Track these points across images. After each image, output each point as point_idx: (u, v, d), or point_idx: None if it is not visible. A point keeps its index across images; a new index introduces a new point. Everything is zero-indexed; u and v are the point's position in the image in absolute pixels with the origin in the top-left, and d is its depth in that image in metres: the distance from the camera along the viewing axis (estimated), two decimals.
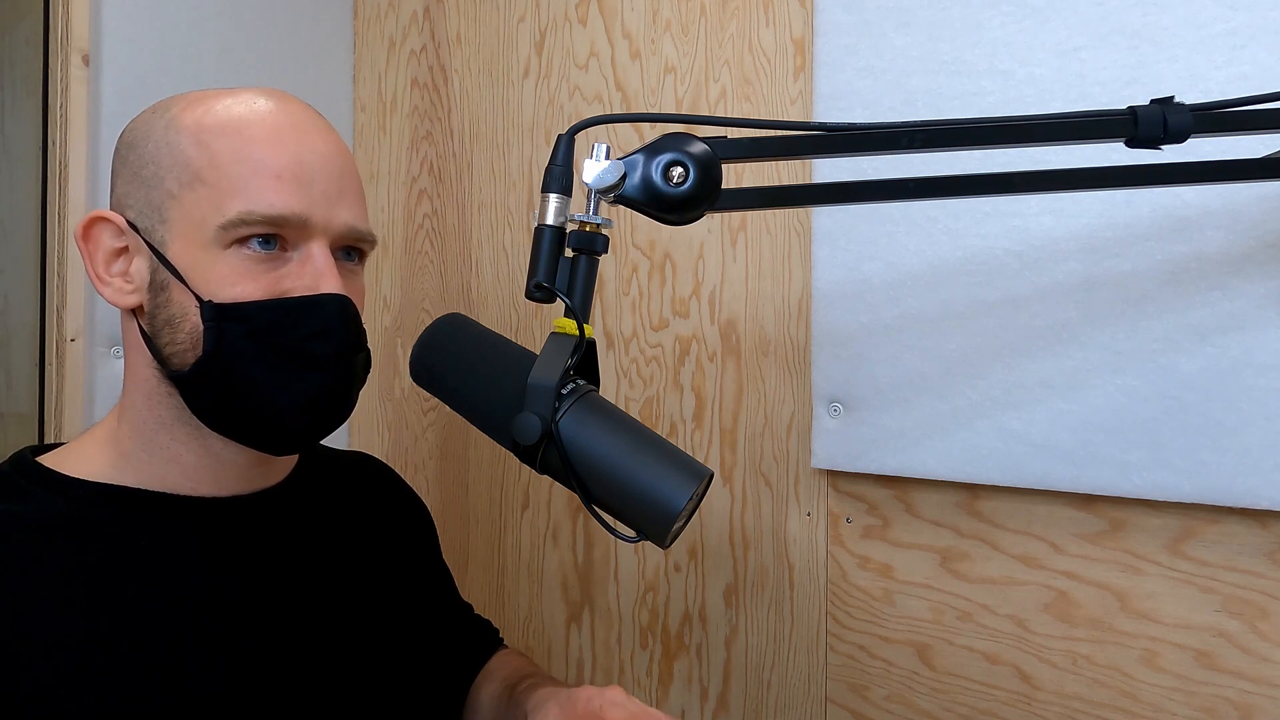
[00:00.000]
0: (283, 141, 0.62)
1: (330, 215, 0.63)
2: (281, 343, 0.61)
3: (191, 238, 0.61)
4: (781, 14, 0.99)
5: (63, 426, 1.05)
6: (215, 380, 0.61)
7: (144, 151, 0.64)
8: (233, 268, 0.61)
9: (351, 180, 0.66)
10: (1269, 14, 0.72)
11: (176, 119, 0.63)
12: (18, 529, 0.60)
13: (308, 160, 0.63)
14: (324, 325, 0.62)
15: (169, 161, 0.62)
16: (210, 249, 0.61)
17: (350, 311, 0.64)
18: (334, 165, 0.64)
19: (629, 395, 1.10)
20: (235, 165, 0.61)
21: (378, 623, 0.74)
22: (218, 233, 0.60)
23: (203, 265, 0.61)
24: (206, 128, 0.62)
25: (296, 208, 0.61)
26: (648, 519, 0.56)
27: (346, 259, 0.67)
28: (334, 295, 0.62)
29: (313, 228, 0.62)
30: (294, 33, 1.30)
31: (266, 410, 0.62)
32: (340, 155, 0.66)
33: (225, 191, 0.61)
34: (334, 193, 0.64)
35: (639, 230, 1.09)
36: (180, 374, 0.62)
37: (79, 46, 1.06)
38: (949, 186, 0.60)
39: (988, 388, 0.84)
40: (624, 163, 0.57)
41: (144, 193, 0.63)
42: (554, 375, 0.56)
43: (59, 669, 0.56)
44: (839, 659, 0.96)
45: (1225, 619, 0.76)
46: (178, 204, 0.62)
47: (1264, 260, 0.73)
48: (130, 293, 0.64)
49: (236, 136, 0.62)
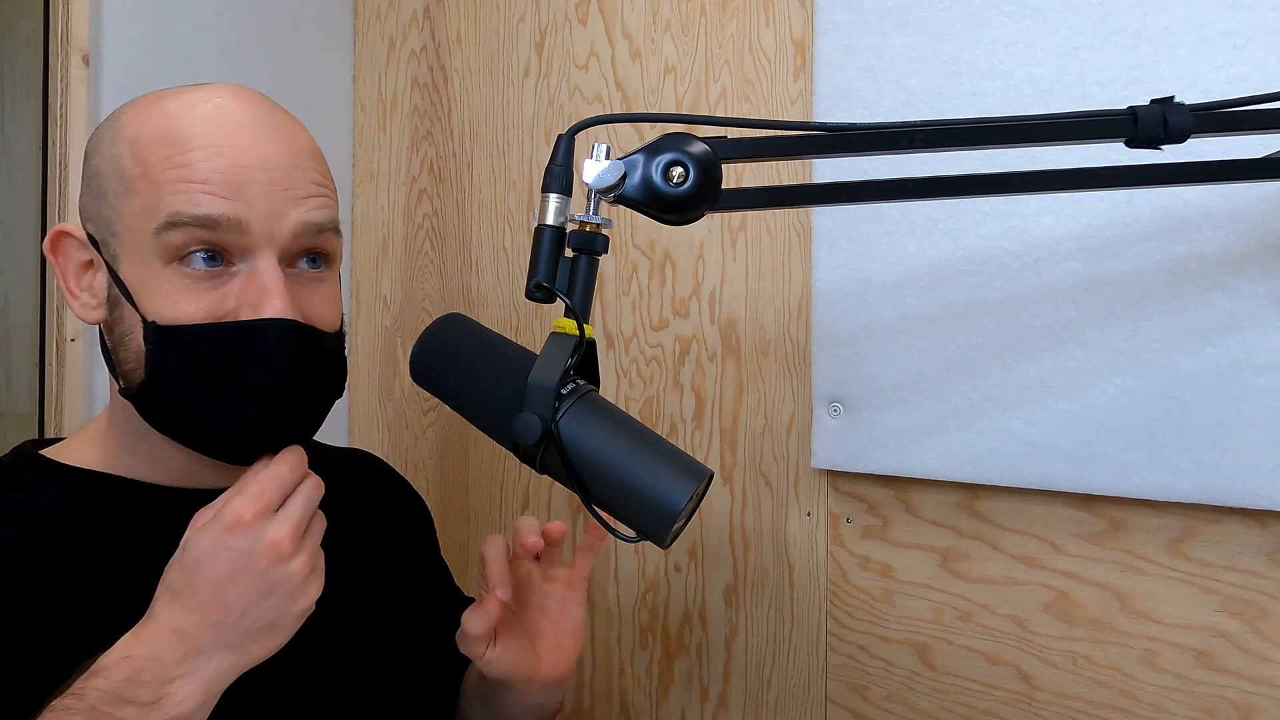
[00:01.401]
0: (220, 145, 0.59)
1: (273, 220, 0.59)
2: (222, 371, 0.59)
3: (136, 253, 0.60)
4: (781, 14, 0.99)
5: (62, 426, 1.05)
6: (160, 401, 0.60)
7: (95, 163, 0.63)
8: (174, 285, 0.58)
9: (302, 178, 0.62)
10: (1269, 14, 0.72)
11: (121, 129, 0.62)
12: (21, 516, 0.61)
13: (244, 162, 0.59)
14: (264, 355, 0.59)
15: (110, 173, 0.61)
16: (151, 265, 0.59)
17: (298, 335, 0.60)
18: (276, 166, 0.60)
19: (629, 395, 1.10)
20: (165, 172, 0.59)
21: (373, 614, 0.74)
22: (152, 243, 0.58)
23: (147, 282, 0.59)
24: (142, 137, 0.60)
25: (230, 211, 0.58)
26: (648, 519, 0.56)
27: (311, 266, 0.64)
28: (275, 321, 0.58)
29: (253, 234, 0.59)
30: (294, 33, 1.30)
31: (212, 433, 0.61)
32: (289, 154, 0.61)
33: (155, 199, 0.58)
34: (278, 196, 0.60)
35: (639, 230, 1.09)
36: (129, 392, 0.61)
37: (79, 46, 1.06)
38: (949, 186, 0.60)
39: (988, 388, 0.84)
40: (624, 163, 0.57)
41: (96, 206, 0.62)
42: (554, 375, 0.56)
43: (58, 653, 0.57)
44: (839, 659, 0.96)
45: (1225, 619, 0.76)
46: (119, 218, 0.60)
47: (1264, 260, 0.73)
48: (95, 308, 0.63)
49: (168, 144, 0.59)
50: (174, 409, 0.60)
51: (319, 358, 0.63)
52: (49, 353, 1.08)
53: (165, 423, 0.62)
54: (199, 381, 0.59)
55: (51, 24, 1.08)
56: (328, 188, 0.65)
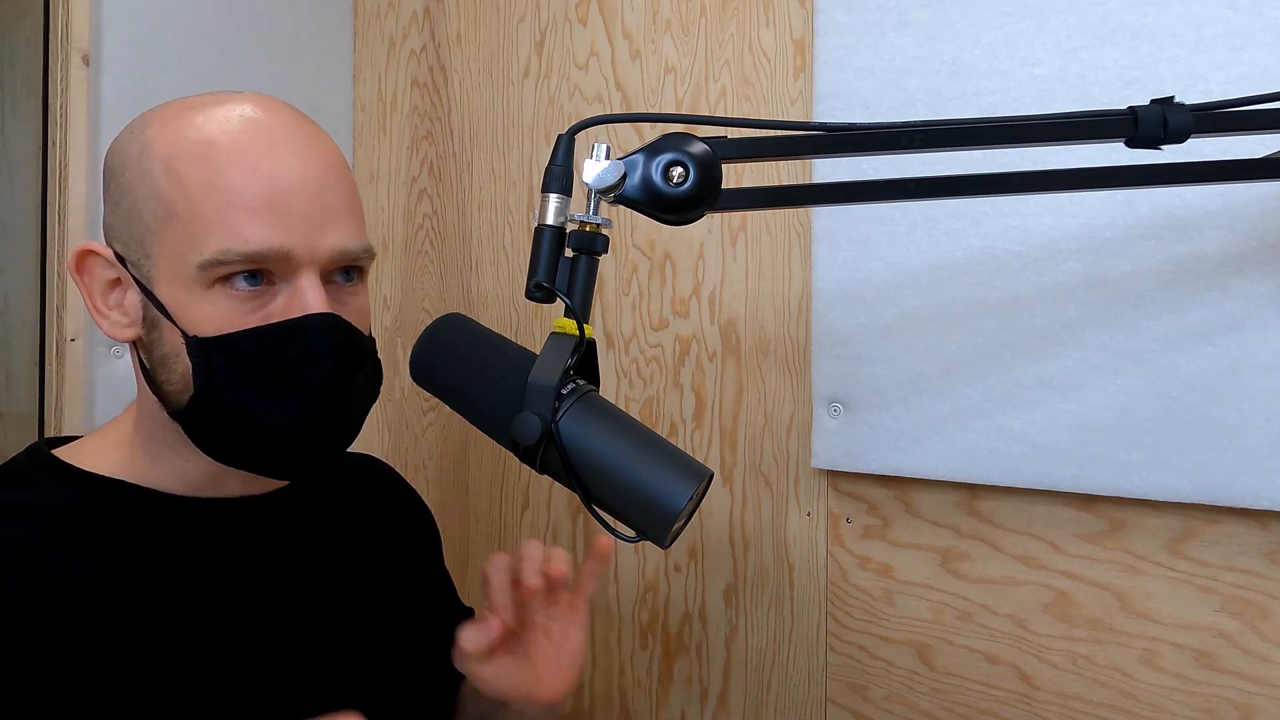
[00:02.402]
0: (254, 165, 0.59)
1: (314, 243, 0.60)
2: (271, 371, 0.59)
3: (174, 276, 0.59)
4: (781, 14, 0.99)
5: (62, 426, 1.05)
6: (210, 416, 0.60)
7: (122, 181, 0.62)
8: (218, 307, 0.59)
9: (337, 195, 0.62)
10: (1269, 14, 0.72)
11: (149, 145, 0.60)
12: (33, 517, 0.61)
13: (283, 184, 0.59)
14: (312, 348, 0.59)
15: (144, 193, 0.60)
16: (193, 288, 0.59)
17: (342, 329, 0.61)
18: (313, 185, 0.60)
19: (629, 395, 1.10)
20: (206, 197, 0.58)
21: (377, 623, 0.74)
22: (198, 272, 0.58)
23: (188, 304, 0.59)
24: (176, 154, 0.59)
25: (275, 241, 0.58)
26: (648, 519, 0.57)
27: (345, 280, 0.64)
28: (320, 315, 0.59)
29: (297, 260, 0.59)
30: (294, 33, 1.30)
31: (264, 441, 0.61)
32: (322, 170, 0.61)
33: (199, 227, 0.58)
34: (316, 217, 0.60)
35: (639, 230, 1.09)
36: (178, 412, 0.61)
37: (79, 46, 1.06)
38: (949, 186, 0.60)
39: (988, 388, 0.84)
40: (624, 163, 0.57)
41: (127, 226, 0.61)
42: (554, 375, 0.56)
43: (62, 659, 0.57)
44: (839, 659, 0.96)
45: (1225, 619, 0.76)
46: (157, 240, 0.59)
47: (1264, 260, 0.73)
48: (127, 326, 0.62)
49: (205, 163, 0.58)
50: (226, 422, 0.60)
51: (359, 356, 0.63)
52: (49, 353, 1.08)
53: (215, 440, 0.61)
54: (247, 386, 0.59)
55: (51, 24, 1.08)
56: (358, 204, 0.65)
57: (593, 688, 1.14)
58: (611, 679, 1.12)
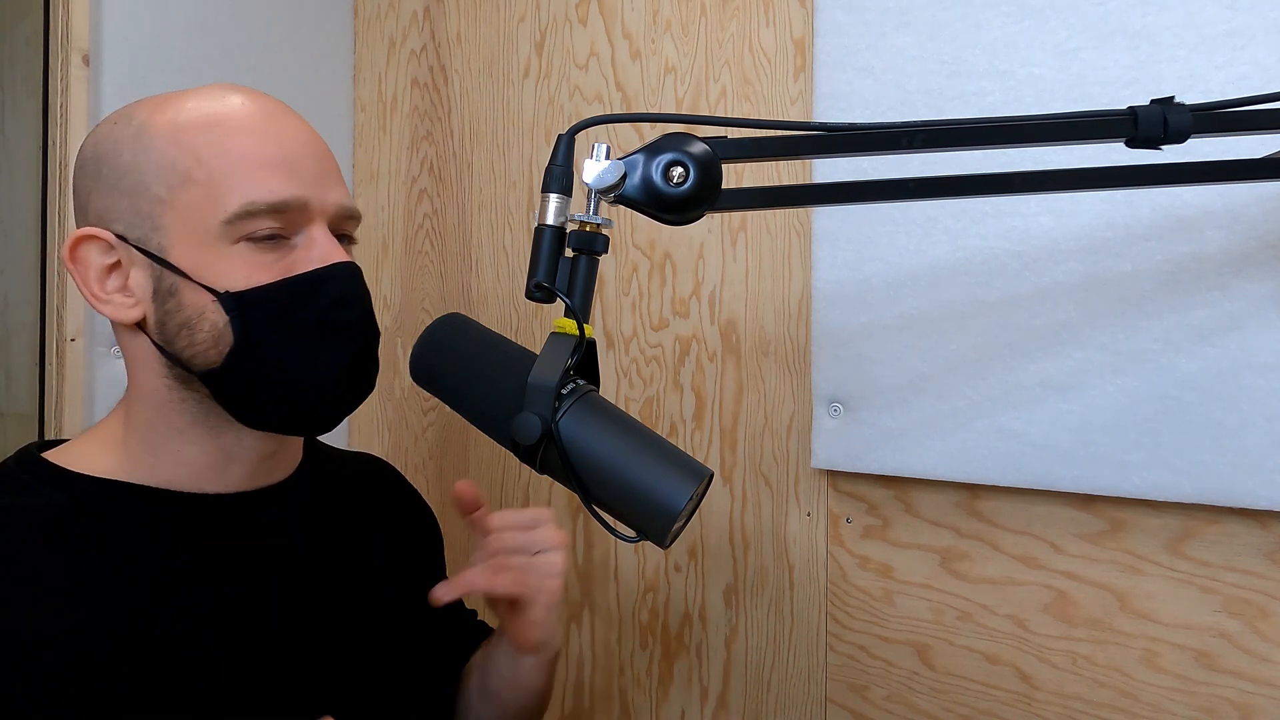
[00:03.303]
0: (263, 130, 0.63)
1: (324, 196, 0.64)
2: (307, 318, 0.62)
3: (193, 238, 0.61)
4: (781, 14, 0.99)
5: (63, 426, 1.05)
6: (249, 369, 0.62)
7: (118, 163, 0.62)
8: (245, 260, 0.61)
9: (331, 161, 0.68)
10: (1269, 14, 0.72)
11: (146, 125, 0.63)
12: (22, 521, 0.61)
13: (291, 145, 0.64)
14: (344, 292, 0.64)
15: (151, 167, 0.61)
16: (216, 245, 0.61)
17: (361, 277, 0.67)
18: (314, 148, 0.66)
19: (629, 395, 1.10)
20: (222, 159, 0.61)
21: (377, 621, 0.74)
22: (222, 229, 0.60)
23: (210, 262, 0.61)
24: (182, 127, 0.62)
25: (295, 191, 0.62)
26: (648, 519, 0.56)
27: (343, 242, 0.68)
28: (346, 264, 0.64)
29: (311, 210, 0.63)
30: (294, 33, 1.30)
31: (304, 388, 0.63)
32: (316, 138, 0.67)
33: (220, 187, 0.61)
34: (321, 174, 0.65)
35: (639, 230, 1.09)
36: (211, 371, 0.61)
37: (79, 46, 1.06)
38: (949, 186, 0.60)
39: (988, 388, 0.84)
40: (624, 163, 0.57)
41: (129, 203, 0.62)
42: (554, 375, 0.56)
43: (64, 657, 0.57)
44: (839, 659, 0.96)
45: (1225, 619, 0.76)
46: (170, 208, 0.61)
47: (1264, 260, 0.73)
48: (132, 306, 0.63)
49: (215, 130, 0.62)
50: (264, 373, 0.62)
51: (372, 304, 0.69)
52: (49, 353, 1.08)
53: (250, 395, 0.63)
54: (286, 335, 0.62)
55: (51, 24, 1.08)
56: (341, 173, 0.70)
57: (593, 688, 1.14)
58: (611, 679, 1.12)
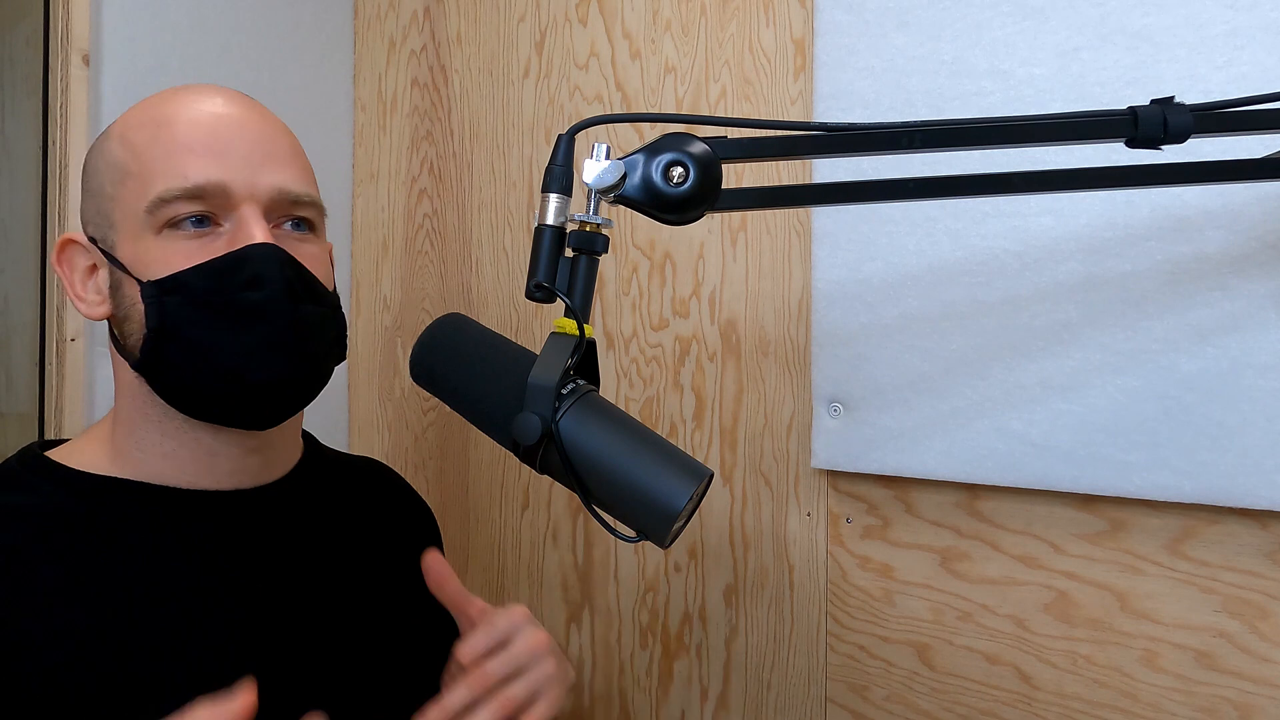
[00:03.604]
0: (196, 119, 0.64)
1: (253, 180, 0.63)
2: (218, 301, 0.61)
3: (130, 231, 0.63)
4: (781, 14, 0.99)
5: (63, 426, 1.05)
6: (166, 356, 0.62)
7: (88, 168, 0.67)
8: (166, 249, 0.62)
9: (277, 144, 0.66)
10: (1269, 14, 0.72)
11: (109, 130, 0.67)
12: (24, 520, 0.61)
13: (222, 130, 0.63)
14: (255, 273, 0.61)
15: (104, 167, 0.65)
16: (144, 236, 0.62)
17: (287, 260, 0.63)
18: (252, 128, 0.64)
19: (629, 395, 1.10)
20: (152, 149, 0.63)
21: (375, 621, 0.74)
22: (145, 217, 0.62)
23: (141, 254, 0.62)
24: (130, 125, 0.65)
25: (213, 175, 0.61)
26: (648, 519, 0.56)
27: (296, 229, 0.67)
28: (261, 245, 0.62)
29: (235, 195, 0.62)
30: (294, 33, 1.30)
31: (220, 374, 0.62)
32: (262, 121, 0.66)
33: (147, 177, 0.62)
34: (256, 156, 0.64)
35: (639, 230, 1.09)
36: (137, 363, 0.63)
37: (79, 46, 1.06)
38: (949, 186, 0.60)
39: (988, 388, 0.84)
40: (624, 163, 0.57)
41: (95, 204, 0.65)
42: (554, 375, 0.56)
43: (61, 657, 0.57)
44: (839, 659, 0.96)
45: (1225, 619, 0.76)
46: (116, 204, 0.63)
47: (1264, 260, 0.73)
48: (99, 304, 0.65)
49: (154, 126, 0.64)
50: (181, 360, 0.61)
51: (309, 290, 0.65)
52: (49, 353, 1.08)
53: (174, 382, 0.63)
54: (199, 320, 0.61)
55: (51, 24, 1.08)
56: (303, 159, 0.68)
57: (593, 688, 1.14)
58: (611, 679, 1.12)
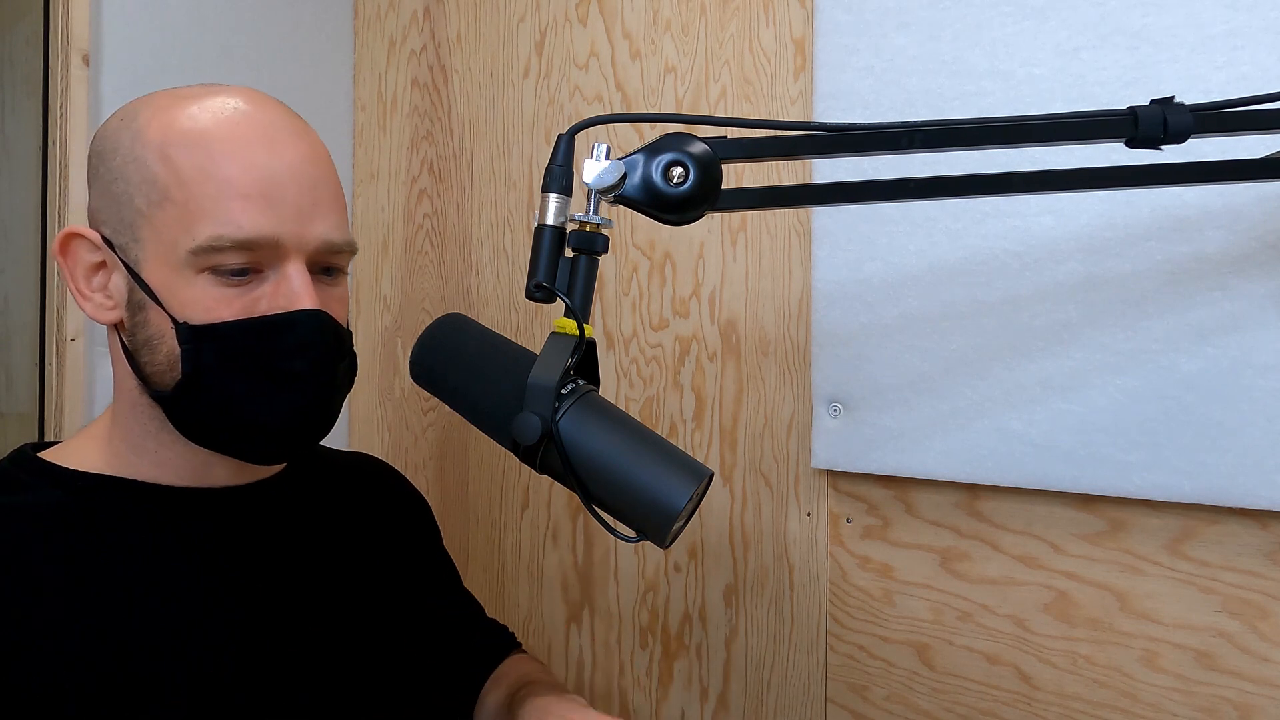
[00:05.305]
0: (249, 155, 0.60)
1: (303, 232, 0.61)
2: (258, 362, 0.60)
3: (164, 259, 0.60)
4: (781, 14, 0.99)
5: (63, 426, 1.05)
6: (196, 400, 0.61)
7: (113, 165, 0.62)
8: (206, 293, 0.60)
9: (326, 189, 0.64)
10: (1269, 14, 0.72)
11: (142, 131, 0.62)
12: (18, 519, 0.61)
13: (277, 174, 0.60)
14: (300, 342, 0.61)
15: (137, 178, 0.61)
16: (182, 272, 0.60)
17: (327, 325, 0.63)
18: (305, 176, 0.62)
19: (629, 395, 1.10)
20: (201, 184, 0.59)
21: (374, 613, 0.74)
22: (188, 257, 0.59)
23: (176, 288, 0.60)
24: (171, 141, 0.60)
25: (266, 229, 0.59)
26: (648, 519, 0.56)
27: (325, 274, 0.66)
28: (309, 311, 0.61)
29: (285, 248, 0.61)
30: (294, 33, 1.30)
31: (247, 428, 0.62)
32: (312, 162, 0.63)
33: (193, 213, 0.59)
34: (306, 206, 0.62)
35: (639, 230, 1.09)
36: (162, 394, 0.62)
37: (79, 46, 1.06)
38: (949, 186, 0.60)
39: (988, 388, 0.84)
40: (624, 163, 0.57)
41: (116, 209, 0.62)
42: (554, 375, 0.56)
43: (60, 655, 0.57)
44: (839, 659, 0.96)
45: (1225, 619, 0.76)
46: (148, 224, 0.61)
47: (1264, 260, 0.73)
48: (110, 309, 0.63)
49: (201, 150, 0.60)
50: (210, 407, 0.61)
51: (341, 351, 0.65)
52: (49, 353, 1.08)
53: (197, 423, 0.62)
54: (236, 375, 0.60)
55: (51, 24, 1.08)
56: (342, 197, 0.67)
57: (593, 688, 1.14)
58: (611, 679, 1.12)
